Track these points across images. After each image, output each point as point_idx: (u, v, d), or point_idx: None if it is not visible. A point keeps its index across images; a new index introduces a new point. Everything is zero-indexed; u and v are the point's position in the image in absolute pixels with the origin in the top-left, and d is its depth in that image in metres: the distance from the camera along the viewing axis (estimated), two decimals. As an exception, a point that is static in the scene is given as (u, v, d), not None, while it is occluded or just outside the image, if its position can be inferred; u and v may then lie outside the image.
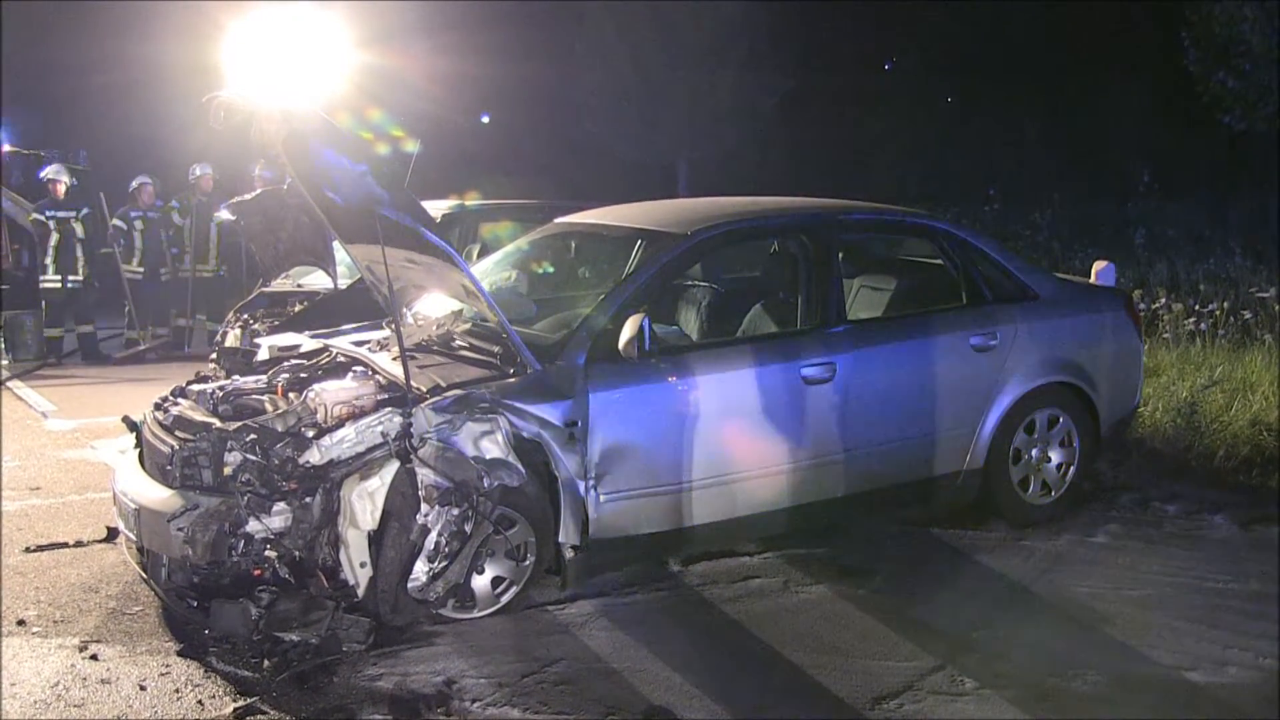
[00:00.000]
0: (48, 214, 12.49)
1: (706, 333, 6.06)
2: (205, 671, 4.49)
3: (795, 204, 6.41)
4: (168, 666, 4.54)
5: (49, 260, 12.48)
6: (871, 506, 5.83)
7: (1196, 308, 10.30)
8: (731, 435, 5.30)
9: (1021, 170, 22.11)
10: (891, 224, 6.65)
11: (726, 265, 7.20)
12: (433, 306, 5.76)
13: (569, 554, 5.03)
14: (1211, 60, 17.09)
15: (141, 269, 12.88)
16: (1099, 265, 6.71)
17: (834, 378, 5.51)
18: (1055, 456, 6.22)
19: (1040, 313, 6.16)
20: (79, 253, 12.52)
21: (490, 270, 6.59)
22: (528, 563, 5.01)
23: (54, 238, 12.44)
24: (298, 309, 7.06)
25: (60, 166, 12.94)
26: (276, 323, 6.56)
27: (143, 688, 4.36)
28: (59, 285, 12.50)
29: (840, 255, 5.94)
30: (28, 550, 5.93)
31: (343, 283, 7.36)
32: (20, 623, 5.00)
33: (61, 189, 12.55)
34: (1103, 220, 17.64)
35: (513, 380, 5.00)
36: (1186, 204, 18.71)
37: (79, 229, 12.51)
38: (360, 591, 4.71)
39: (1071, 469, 6.23)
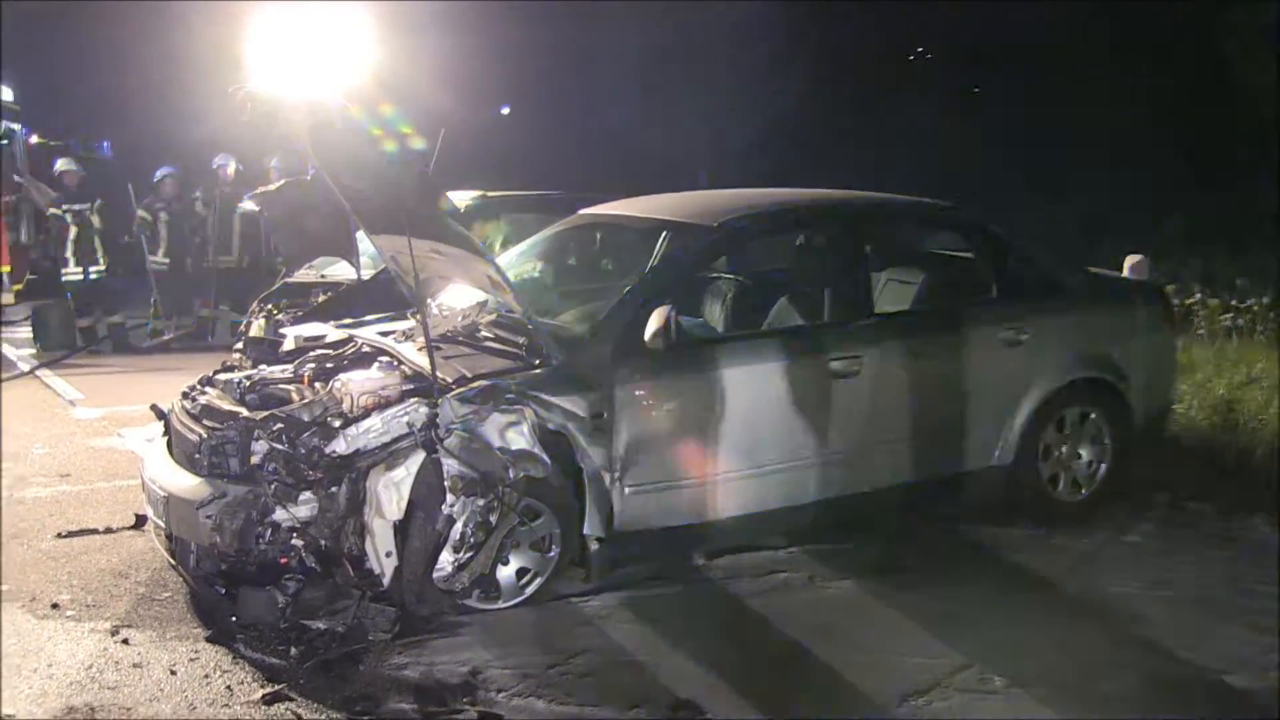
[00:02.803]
0: (63, 208, 12.55)
1: (733, 326, 6.09)
2: (233, 658, 4.57)
3: (822, 195, 6.42)
4: (197, 652, 4.62)
5: (69, 254, 12.56)
6: (899, 502, 5.84)
7: (1234, 303, 10.19)
8: (758, 428, 5.33)
9: (1050, 163, 21.94)
10: (920, 216, 6.65)
11: (753, 258, 7.22)
12: (458, 297, 5.81)
13: (594, 546, 5.07)
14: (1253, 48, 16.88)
15: (167, 260, 12.96)
16: (1132, 259, 6.67)
17: (861, 371, 5.52)
18: (1086, 453, 6.19)
19: (1071, 307, 6.14)
20: (96, 243, 12.58)
21: (515, 261, 6.62)
22: (553, 554, 5.05)
23: (72, 231, 12.52)
24: (322, 299, 7.07)
25: (70, 159, 12.98)
26: (301, 313, 6.59)
27: (173, 672, 4.45)
28: (80, 277, 12.59)
29: (868, 248, 5.95)
30: (60, 536, 6.03)
31: (367, 273, 7.41)
32: (55, 606, 5.11)
33: (73, 181, 12.62)
34: (1136, 212, 17.51)
35: (538, 371, 5.04)
36: (1224, 195, 18.52)
37: (96, 220, 12.58)
38: (386, 581, 4.76)
39: (1103, 466, 6.20)
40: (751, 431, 5.32)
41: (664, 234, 6.07)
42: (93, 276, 12.61)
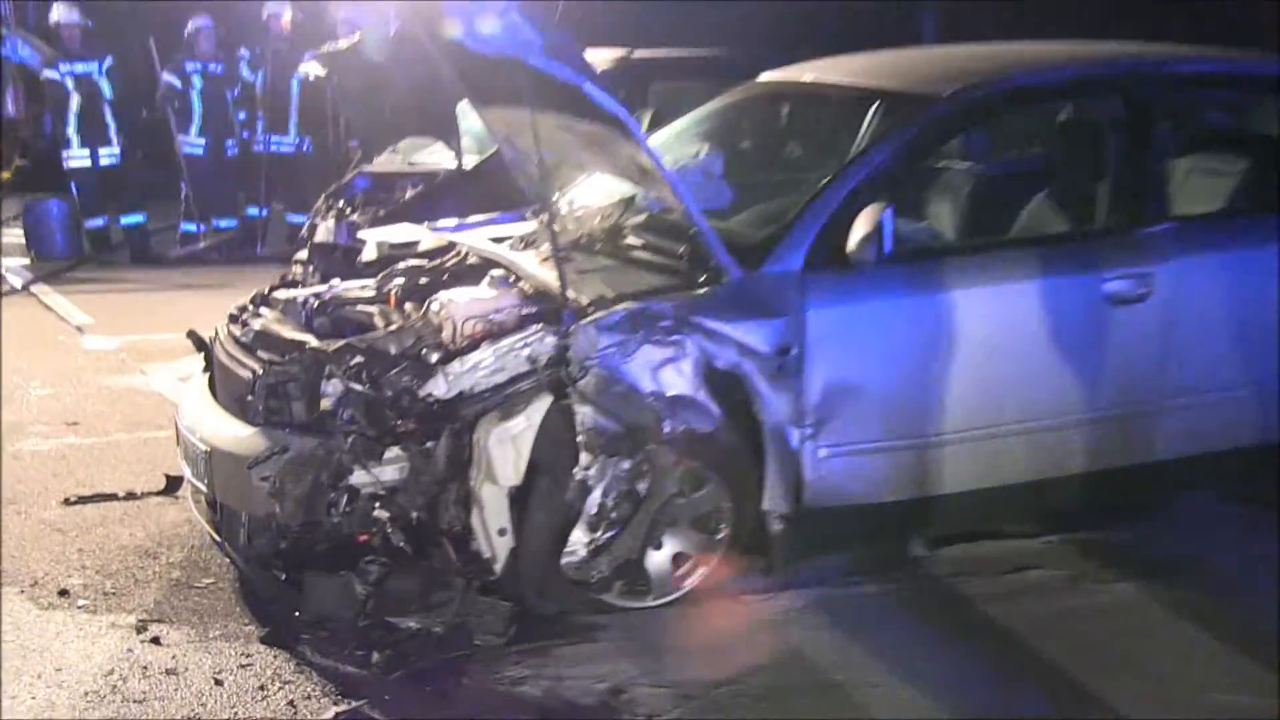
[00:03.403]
0: (62, 70, 12.73)
1: (969, 232, 6.04)
2: (297, 665, 4.71)
3: (1095, 52, 6.31)
4: (249, 656, 4.78)
5: (71, 132, 12.79)
6: (1198, 477, 5.79)
7: None
8: (1001, 373, 5.32)
9: None
10: (1245, 79, 6.47)
11: (997, 140, 7.13)
12: (596, 192, 5.86)
13: (776, 526, 5.11)
14: None
15: (201, 141, 13.15)
16: None
17: (1150, 296, 5.45)
18: None
19: None
20: (107, 117, 12.83)
21: (672, 143, 6.63)
22: (721, 536, 5.12)
23: (74, 101, 12.74)
24: (410, 195, 7.24)
25: (71, 5, 12.95)
26: (383, 212, 6.75)
27: (218, 681, 4.60)
28: (88, 163, 12.83)
29: (1164, 125, 5.84)
30: (67, 502, 6.28)
31: (470, 160, 7.53)
32: (63, 593, 5.32)
33: (75, 36, 12.75)
34: None
35: (704, 292, 5.07)
36: None
37: (106, 87, 12.79)
38: (498, 567, 4.87)
39: None
40: (992, 377, 5.31)
41: (875, 107, 6.02)
42: (103, 162, 12.86)
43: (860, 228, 5.04)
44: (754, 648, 4.85)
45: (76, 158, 12.83)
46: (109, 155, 12.84)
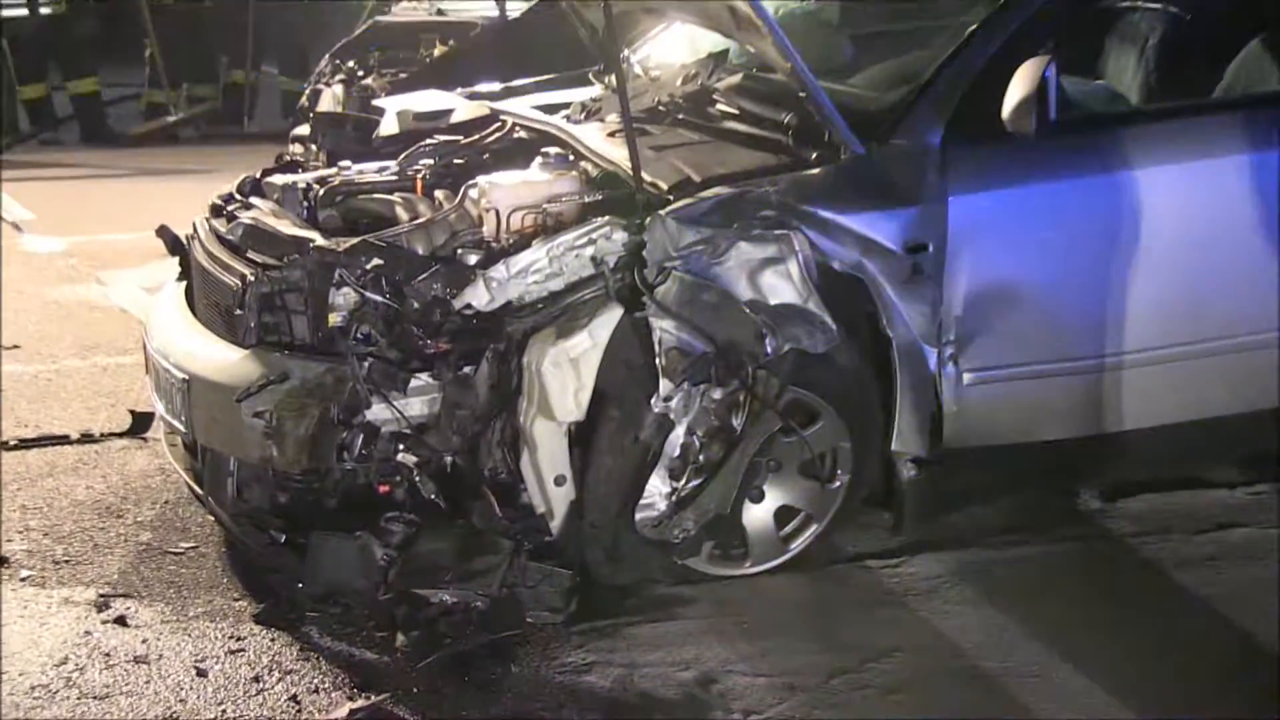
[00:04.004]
0: None
1: (1157, 92, 6.02)
2: (300, 650, 4.76)
3: None
4: (239, 640, 4.83)
5: None
6: None
7: None
8: (1202, 274, 5.33)
9: None
10: None
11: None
12: (676, 47, 5.85)
13: (908, 473, 5.16)
14: None
15: (170, -15, 13.19)
16: None
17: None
18: None
19: None
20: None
21: (772, -18, 6.64)
22: (837, 485, 5.16)
23: None
24: (438, 52, 7.22)
25: None
26: (406, 75, 6.73)
27: (201, 671, 4.63)
28: (24, 11, 12.78)
29: None
30: (5, 447, 6.35)
31: (515, 8, 7.54)
32: (1, 561, 5.37)
33: None
34: None
35: (816, 172, 5.09)
36: None
37: None
38: (555, 525, 4.91)
39: None
40: (1189, 281, 5.33)
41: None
42: (44, 10, 12.87)
43: (1017, 89, 5.02)
44: (880, 627, 4.89)
45: (8, 4, 12.78)
46: (50, 4, 12.81)
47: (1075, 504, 5.68)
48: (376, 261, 4.96)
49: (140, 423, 6.44)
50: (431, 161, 5.75)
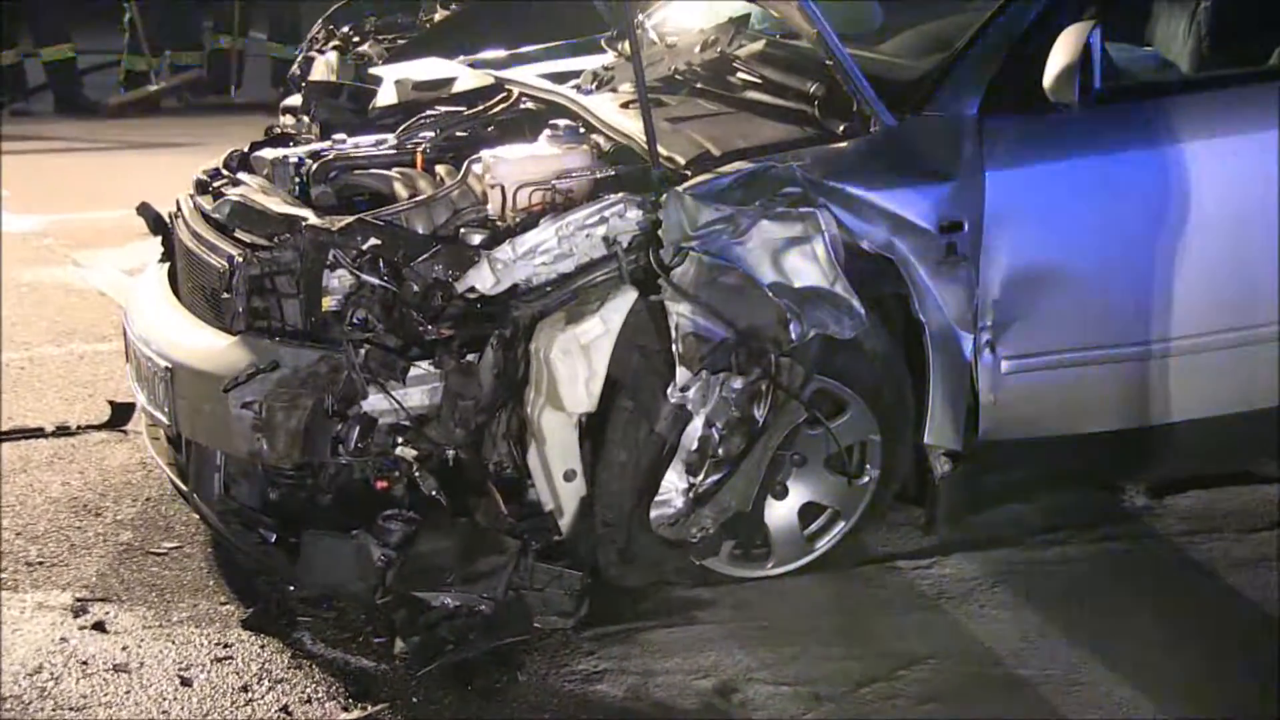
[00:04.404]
0: None
1: (1210, 60, 5.97)
2: (291, 657, 4.73)
3: None
4: (226, 646, 4.79)
5: None
6: None
7: None
8: (1258, 255, 5.27)
9: None
10: None
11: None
12: (695, 11, 5.80)
13: (942, 467, 5.10)
14: None
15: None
16: None
17: None
18: None
19: None
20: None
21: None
22: (866, 480, 5.12)
23: None
24: (439, 17, 7.19)
25: None
26: (403, 40, 6.69)
27: (185, 680, 4.60)
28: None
29: None
30: (-25, 441, 6.34)
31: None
32: (-30, 564, 5.36)
33: None
34: None
35: (844, 146, 5.04)
36: None
37: None
38: (565, 524, 4.88)
39: None
40: (1245, 262, 5.27)
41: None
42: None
43: (1060, 56, 4.95)
44: (911, 632, 4.85)
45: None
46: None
47: (1120, 501, 5.65)
48: (373, 241, 4.92)
49: (120, 414, 6.42)
50: (432, 134, 5.72)
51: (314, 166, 5.55)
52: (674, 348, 4.72)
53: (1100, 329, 5.20)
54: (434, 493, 4.93)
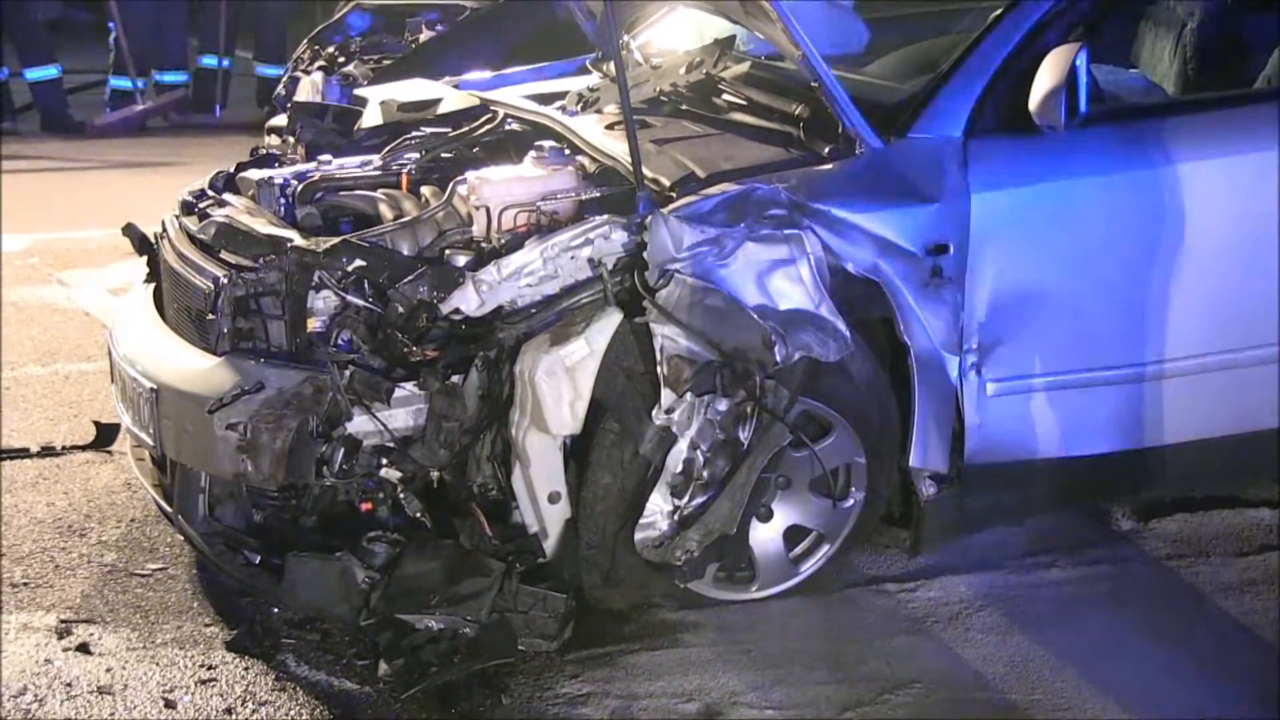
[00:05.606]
0: None
1: (1196, 82, 6.00)
2: (276, 679, 4.76)
3: None
4: (210, 669, 4.82)
5: None
6: None
7: None
8: (1242, 278, 5.31)
9: None
10: None
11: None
12: (679, 33, 5.84)
13: (928, 490, 5.13)
14: None
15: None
16: None
17: None
18: None
19: None
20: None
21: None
22: (851, 503, 5.15)
23: None
24: (423, 38, 7.22)
25: None
26: (388, 61, 6.73)
27: (169, 703, 4.64)
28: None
29: None
30: (-40, 461, 6.33)
31: (508, -12, 7.53)
32: (-45, 585, 5.37)
33: None
34: None
35: (830, 167, 5.08)
36: None
37: None
38: (549, 546, 4.91)
39: None
40: (1233, 284, 5.30)
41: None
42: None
43: (1045, 78, 5.00)
44: (897, 656, 4.88)
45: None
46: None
47: (1107, 524, 5.68)
48: (359, 263, 4.95)
49: (105, 435, 6.43)
50: (417, 155, 5.76)
51: (299, 187, 5.59)
52: (659, 370, 4.74)
53: (1087, 352, 5.24)
54: (418, 515, 4.96)
